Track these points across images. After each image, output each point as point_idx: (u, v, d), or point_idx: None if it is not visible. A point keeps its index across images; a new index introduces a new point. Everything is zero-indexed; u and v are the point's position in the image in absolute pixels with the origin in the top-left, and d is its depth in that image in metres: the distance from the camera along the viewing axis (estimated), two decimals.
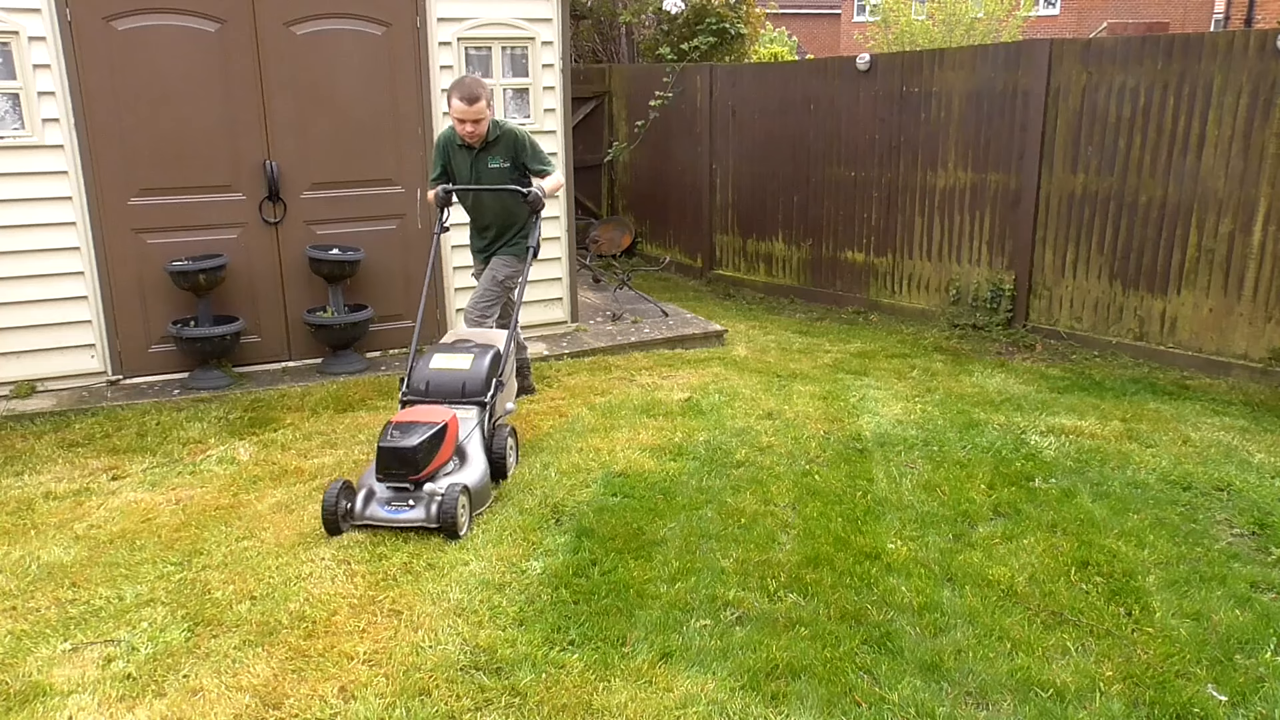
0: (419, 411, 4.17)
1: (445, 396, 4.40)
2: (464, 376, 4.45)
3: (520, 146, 4.99)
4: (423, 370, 4.50)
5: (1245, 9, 18.82)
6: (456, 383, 4.44)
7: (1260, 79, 5.99)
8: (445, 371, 4.48)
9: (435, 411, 4.15)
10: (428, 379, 4.46)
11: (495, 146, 4.97)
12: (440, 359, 4.55)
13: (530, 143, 5.02)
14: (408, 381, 4.49)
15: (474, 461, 4.20)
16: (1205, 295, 6.45)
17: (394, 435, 3.95)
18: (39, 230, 5.66)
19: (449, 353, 4.61)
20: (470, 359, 4.52)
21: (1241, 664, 3.11)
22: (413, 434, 3.94)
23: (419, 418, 4.07)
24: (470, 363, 4.50)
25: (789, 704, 2.91)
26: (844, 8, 35.20)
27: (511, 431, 4.58)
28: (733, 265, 9.94)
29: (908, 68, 7.94)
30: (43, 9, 5.40)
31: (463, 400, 4.40)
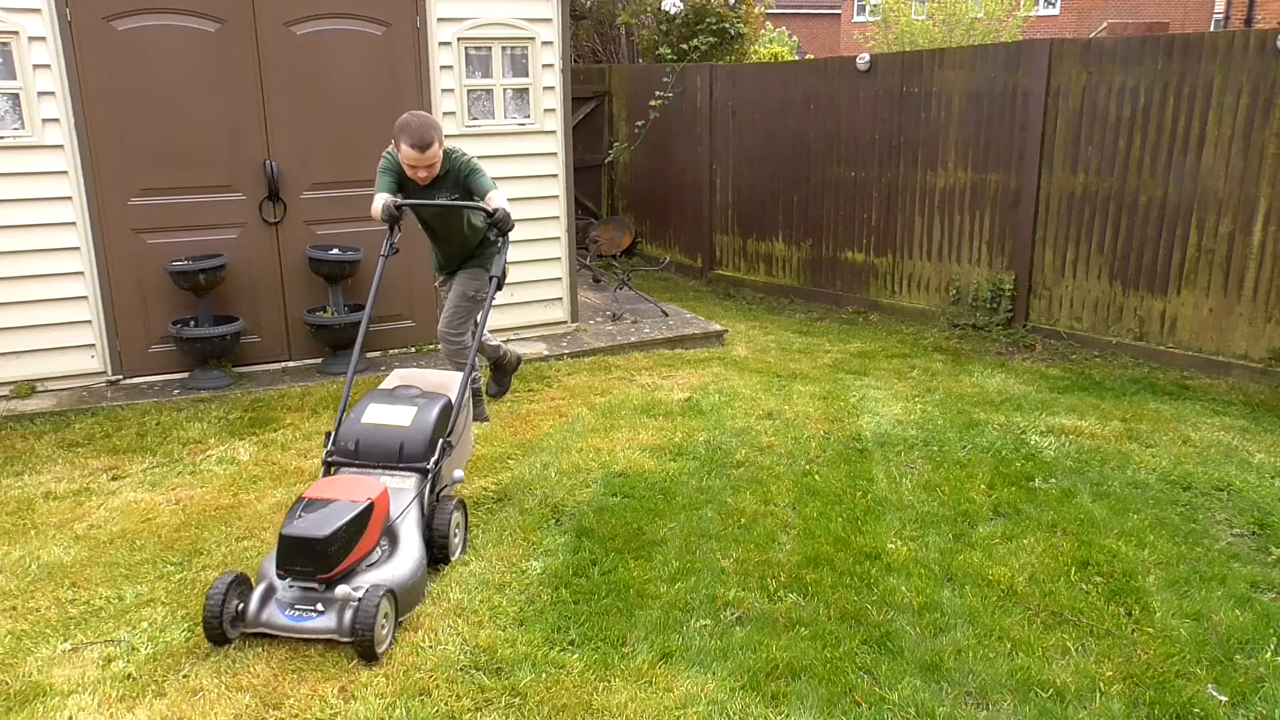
0: (339, 484, 3.39)
1: (378, 459, 3.64)
2: (403, 435, 3.66)
3: (469, 175, 4.50)
4: (353, 425, 3.72)
5: (1245, 9, 18.82)
6: (393, 443, 3.65)
7: (1260, 79, 5.99)
8: (380, 428, 3.68)
9: (359, 485, 3.37)
10: (358, 437, 3.68)
11: (444, 180, 4.50)
12: (376, 411, 3.76)
13: (476, 167, 4.53)
14: (333, 438, 3.73)
15: (406, 549, 3.42)
16: (1205, 295, 6.44)
17: (302, 518, 3.17)
18: (39, 230, 5.66)
19: (387, 402, 3.80)
20: (412, 412, 3.73)
21: (1241, 664, 3.11)
22: (326, 518, 3.15)
23: (337, 493, 3.29)
24: (412, 417, 3.72)
25: (789, 704, 2.91)
26: (844, 8, 35.20)
27: (459, 505, 3.81)
28: (733, 265, 9.94)
29: (908, 68, 7.94)
30: (43, 9, 5.40)
31: (399, 466, 3.64)
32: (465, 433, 4.08)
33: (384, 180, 4.47)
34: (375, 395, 3.89)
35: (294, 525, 3.15)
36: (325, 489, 3.34)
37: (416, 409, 3.75)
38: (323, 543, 3.09)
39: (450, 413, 3.85)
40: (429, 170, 4.36)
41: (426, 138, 4.24)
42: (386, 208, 4.21)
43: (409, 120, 4.29)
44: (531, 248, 7.05)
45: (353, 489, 3.33)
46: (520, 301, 7.10)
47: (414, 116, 4.31)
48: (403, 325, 6.73)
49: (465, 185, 4.53)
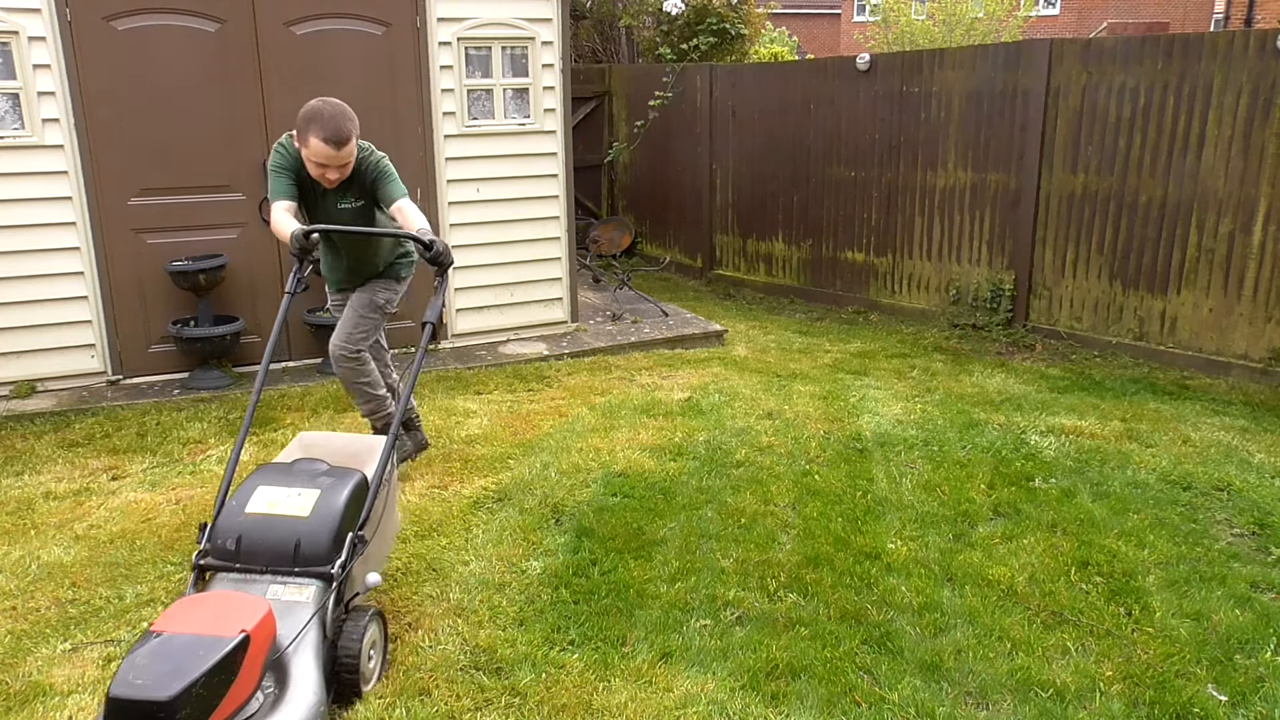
0: (203, 607, 2.49)
1: (266, 562, 2.75)
2: (300, 530, 2.76)
3: (379, 178, 3.78)
4: (233, 516, 2.80)
5: (1245, 9, 18.82)
6: (286, 540, 2.75)
7: (1260, 79, 5.99)
8: (270, 520, 2.77)
9: (231, 609, 2.47)
10: (240, 532, 2.77)
11: (350, 183, 3.77)
12: (265, 495, 2.84)
13: (386, 170, 3.80)
14: (209, 530, 2.81)
15: (300, 690, 2.52)
16: (1205, 295, 6.44)
17: (140, 666, 2.25)
18: (39, 230, 5.66)
19: (282, 483, 2.88)
20: (314, 498, 2.82)
21: (1241, 664, 3.11)
22: (174, 669, 2.24)
23: (198, 623, 2.40)
24: (313, 504, 2.81)
25: (789, 704, 2.91)
26: (844, 8, 35.19)
27: (376, 616, 2.92)
28: (733, 265, 9.94)
29: (908, 68, 7.94)
30: (43, 9, 5.40)
31: (294, 571, 2.75)
32: (388, 516, 3.17)
33: (279, 183, 3.63)
34: (265, 473, 2.93)
35: (126, 681, 2.21)
36: (182, 615, 2.43)
37: (319, 493, 2.83)
38: (167, 708, 2.16)
39: (365, 495, 2.95)
40: (340, 172, 3.60)
41: (343, 131, 3.46)
42: (296, 237, 3.26)
43: (319, 109, 3.47)
44: (531, 248, 7.05)
45: (221, 615, 2.43)
46: (520, 301, 7.10)
47: (325, 104, 3.49)
48: (402, 325, 6.73)
49: (372, 190, 3.79)
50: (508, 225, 6.92)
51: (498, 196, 6.82)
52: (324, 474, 2.94)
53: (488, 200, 6.80)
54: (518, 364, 6.54)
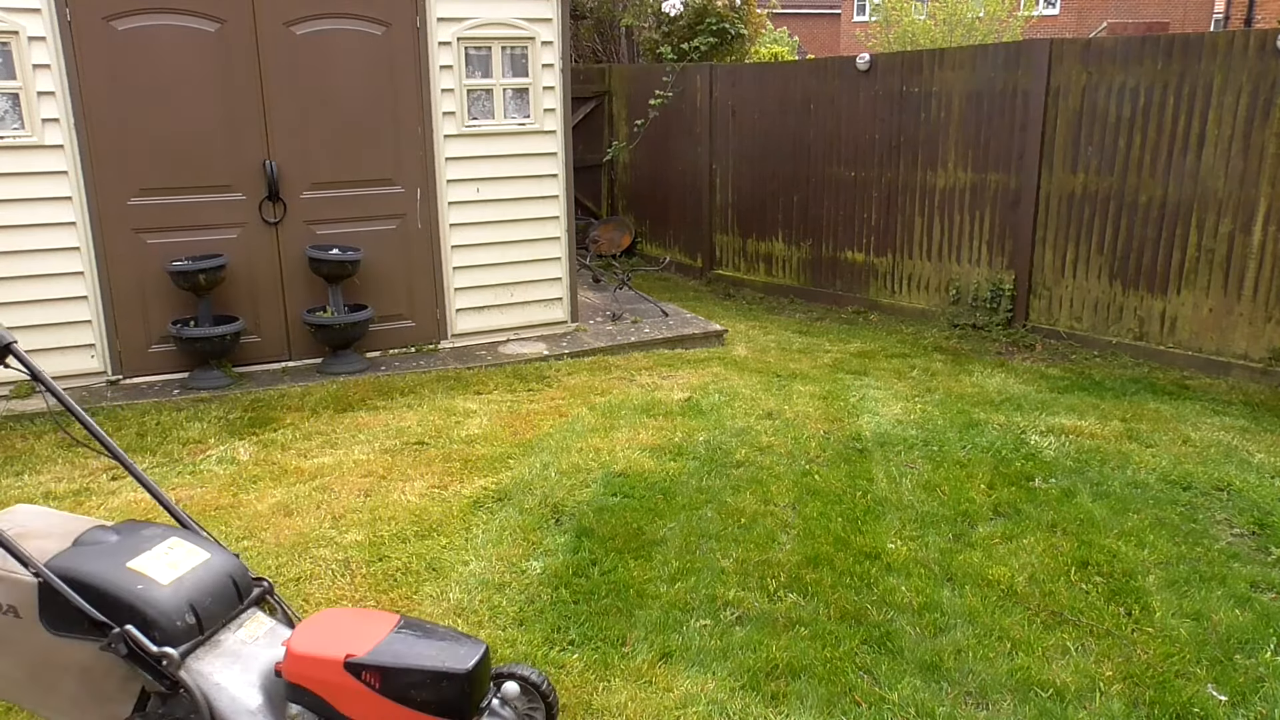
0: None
1: (225, 611, 2.33)
2: (218, 568, 2.37)
3: None
4: (153, 592, 2.22)
5: (1245, 9, 18.82)
6: (221, 584, 2.34)
7: (1260, 79, 5.99)
8: (186, 577, 2.29)
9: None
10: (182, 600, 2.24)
11: None
12: (147, 562, 2.29)
13: None
14: (143, 626, 2.16)
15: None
16: (1205, 295, 6.44)
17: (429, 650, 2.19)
18: (39, 230, 5.65)
19: (139, 548, 2.33)
20: (186, 544, 2.40)
21: (1241, 664, 3.11)
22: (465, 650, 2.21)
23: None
24: (196, 546, 2.40)
25: (789, 704, 2.91)
26: (844, 8, 35.20)
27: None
28: (733, 265, 9.94)
29: (908, 67, 7.94)
30: (43, 9, 5.40)
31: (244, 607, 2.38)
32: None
33: None
34: (108, 550, 2.32)
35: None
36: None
37: (181, 538, 2.43)
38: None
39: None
40: None
41: None
42: None
43: None
44: (531, 248, 7.05)
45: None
46: (520, 301, 7.10)
47: None
48: (402, 325, 6.73)
49: None
50: (508, 225, 6.92)
51: (498, 196, 6.82)
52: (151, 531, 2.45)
53: (488, 200, 6.80)
54: (518, 364, 6.54)
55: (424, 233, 6.63)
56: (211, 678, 2.18)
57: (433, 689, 2.13)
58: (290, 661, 2.18)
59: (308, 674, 2.15)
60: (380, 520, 4.10)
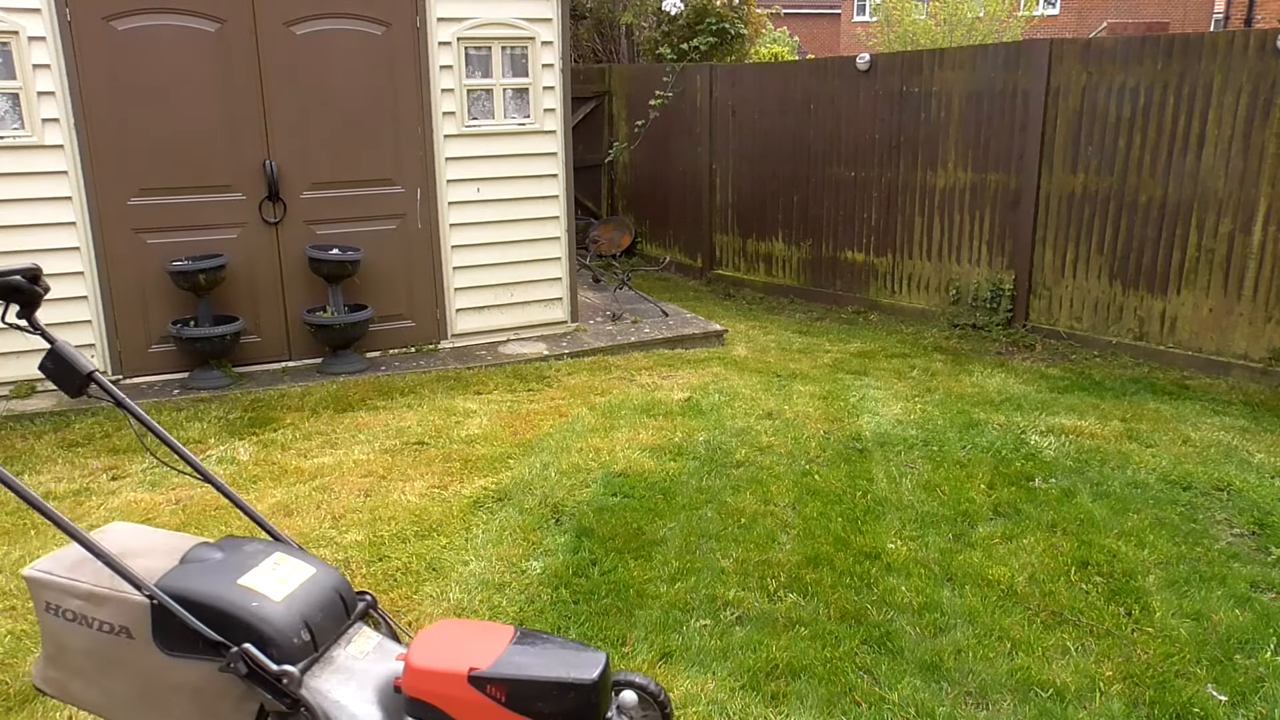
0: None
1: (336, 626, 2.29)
2: (325, 583, 2.31)
3: None
4: (270, 609, 2.16)
5: (1245, 9, 18.82)
6: (329, 599, 2.29)
7: (1260, 79, 5.99)
8: (298, 593, 2.24)
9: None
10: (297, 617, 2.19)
11: None
12: (256, 579, 2.23)
13: None
14: (260, 644, 2.10)
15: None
16: (1205, 295, 6.44)
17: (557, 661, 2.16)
18: (39, 230, 5.65)
19: (246, 565, 2.27)
20: (291, 560, 2.33)
21: (1241, 664, 3.11)
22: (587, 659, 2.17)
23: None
24: (302, 562, 2.34)
25: (789, 704, 2.91)
26: (844, 8, 35.21)
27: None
28: (733, 265, 9.94)
29: (908, 67, 7.94)
30: (43, 9, 5.40)
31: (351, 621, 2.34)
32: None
33: None
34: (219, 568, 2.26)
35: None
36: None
37: (286, 553, 2.37)
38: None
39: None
40: None
41: None
42: None
43: None
44: (531, 248, 7.05)
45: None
46: (520, 301, 7.10)
47: None
48: (402, 325, 6.73)
49: None
50: (508, 225, 6.92)
51: (498, 196, 6.82)
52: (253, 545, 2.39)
53: (488, 200, 6.80)
54: (518, 364, 6.54)
55: (424, 233, 6.63)
56: (330, 695, 2.13)
57: (558, 700, 2.09)
58: (411, 676, 2.12)
59: (430, 688, 2.11)
60: (380, 520, 4.10)
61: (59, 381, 2.43)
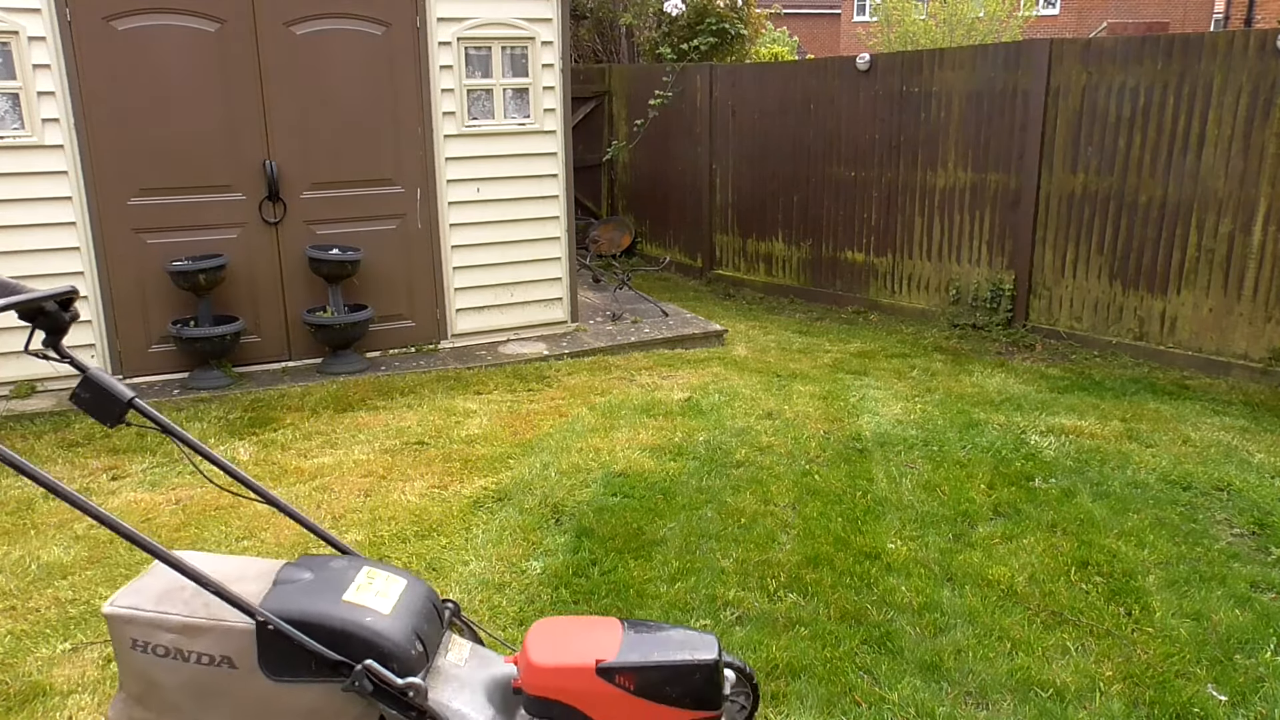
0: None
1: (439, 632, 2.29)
2: (420, 591, 2.27)
3: None
4: (381, 621, 2.12)
5: (1245, 9, 18.82)
6: (425, 604, 2.25)
7: (1260, 79, 5.99)
8: (403, 603, 2.20)
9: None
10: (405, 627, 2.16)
11: None
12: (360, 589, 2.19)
13: None
14: (380, 657, 2.06)
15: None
16: (1205, 295, 6.44)
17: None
18: (39, 230, 5.65)
19: (345, 576, 2.23)
20: (381, 567, 2.31)
21: (1241, 664, 3.11)
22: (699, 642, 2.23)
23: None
24: (395, 571, 2.31)
25: (789, 704, 2.91)
26: (844, 8, 35.21)
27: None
28: (733, 265, 9.94)
29: (908, 67, 7.94)
30: (43, 9, 5.40)
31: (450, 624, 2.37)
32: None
33: None
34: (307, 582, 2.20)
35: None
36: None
37: (372, 564, 2.34)
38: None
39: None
40: None
41: None
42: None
43: None
44: (531, 248, 7.05)
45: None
46: (520, 301, 7.10)
47: None
48: (402, 325, 6.73)
49: None
50: (508, 225, 6.92)
51: (498, 196, 6.82)
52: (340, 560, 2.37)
53: (488, 200, 6.80)
54: (518, 364, 6.54)
55: (424, 233, 6.63)
56: (451, 704, 2.11)
57: (685, 682, 2.13)
58: (535, 675, 2.13)
59: (557, 685, 2.11)
60: (380, 520, 4.10)
61: (94, 411, 2.26)
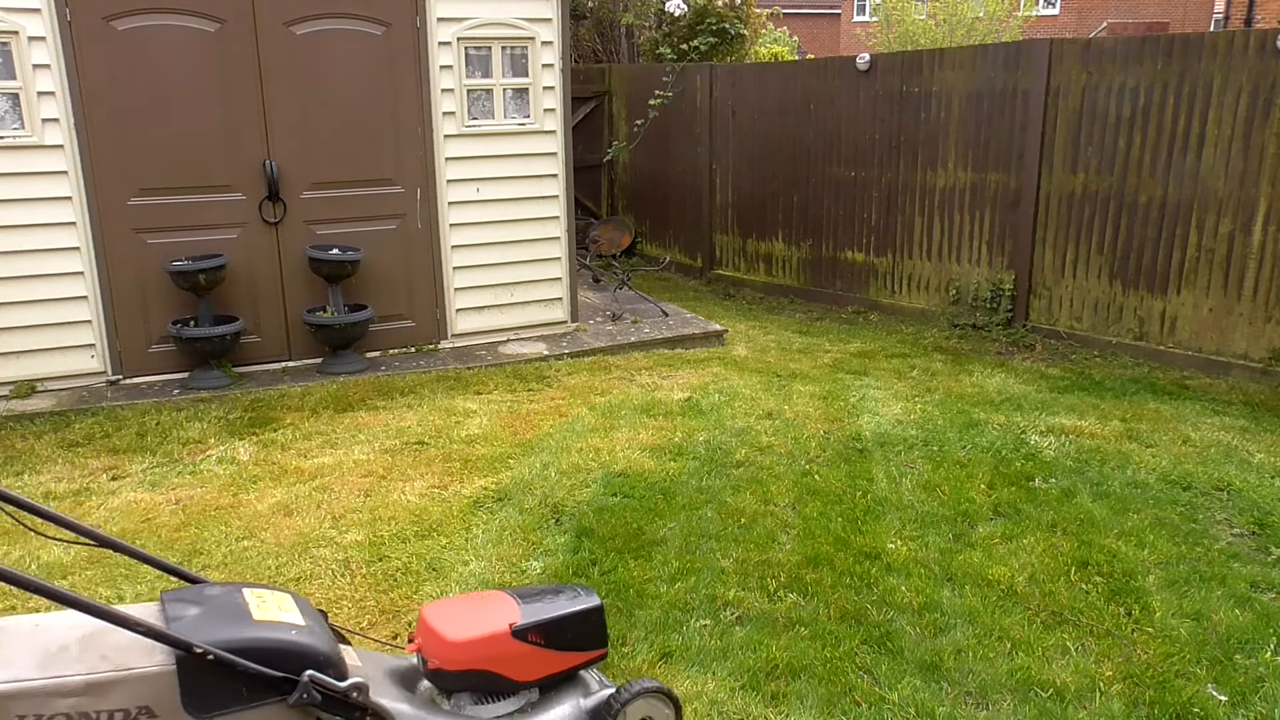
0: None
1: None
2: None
3: None
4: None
5: (1245, 9, 18.82)
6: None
7: (1260, 79, 5.99)
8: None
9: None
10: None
11: None
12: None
13: None
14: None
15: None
16: (1205, 295, 6.44)
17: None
18: (39, 230, 5.65)
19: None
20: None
21: (1241, 664, 3.11)
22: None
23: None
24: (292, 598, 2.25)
25: (789, 704, 2.91)
26: (844, 8, 35.21)
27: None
28: (733, 265, 9.94)
29: (908, 67, 7.94)
30: (43, 9, 5.40)
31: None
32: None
33: None
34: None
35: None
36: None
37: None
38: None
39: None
40: None
41: None
42: None
43: None
44: (531, 248, 7.05)
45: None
46: (520, 301, 7.10)
47: None
48: (402, 325, 6.73)
49: None
50: (508, 225, 6.92)
51: (498, 196, 6.82)
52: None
53: (488, 200, 6.80)
54: (518, 364, 6.54)
55: (424, 233, 6.63)
56: (381, 700, 2.15)
57: (581, 628, 2.38)
58: (454, 650, 2.26)
59: (479, 654, 2.27)
60: (380, 520, 4.10)
61: None
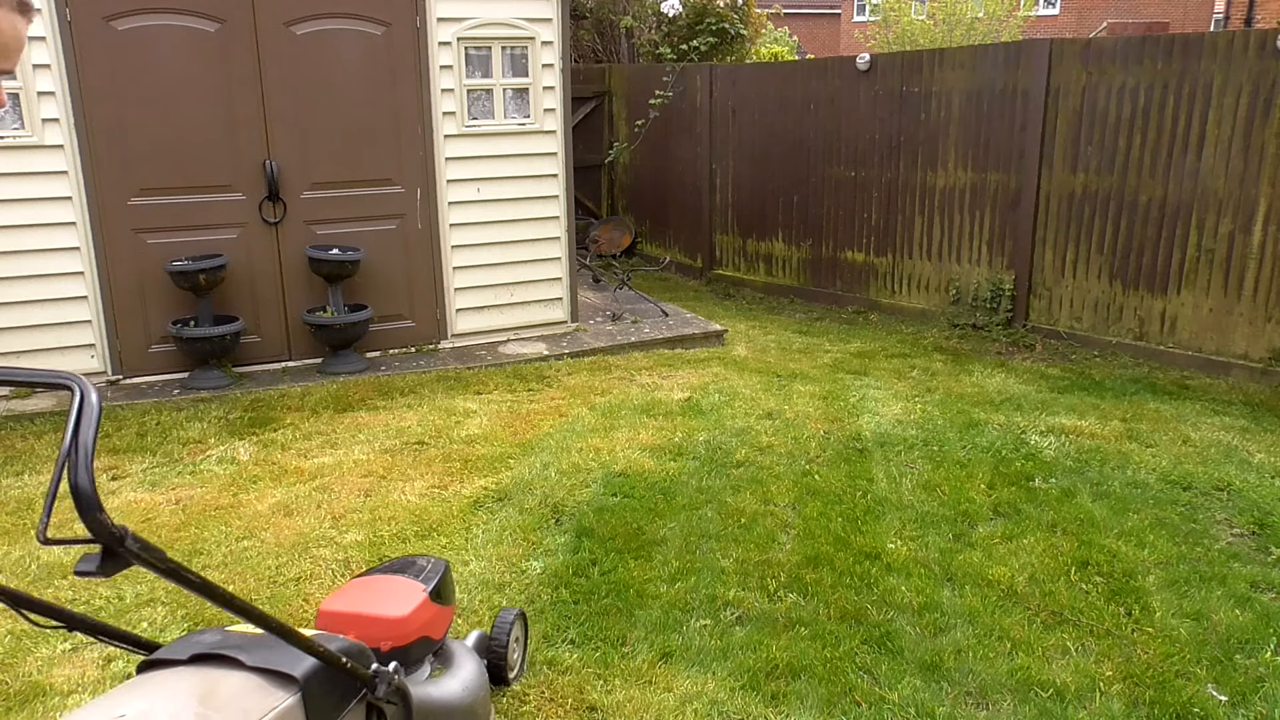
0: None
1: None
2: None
3: None
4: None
5: (1245, 9, 18.82)
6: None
7: (1260, 79, 5.99)
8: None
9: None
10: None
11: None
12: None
13: None
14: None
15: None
16: (1205, 295, 6.45)
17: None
18: (39, 230, 5.65)
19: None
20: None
21: (1241, 664, 3.11)
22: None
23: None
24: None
25: (789, 704, 2.91)
26: (844, 8, 35.21)
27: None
28: (733, 265, 9.94)
29: (908, 67, 7.94)
30: (43, 9, 5.40)
31: None
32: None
33: None
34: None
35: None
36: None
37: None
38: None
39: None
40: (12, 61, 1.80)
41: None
42: None
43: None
44: (531, 248, 7.05)
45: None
46: (520, 301, 7.10)
47: None
48: (402, 325, 6.73)
49: None
50: (508, 225, 6.92)
51: (498, 196, 6.82)
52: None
53: (488, 200, 6.80)
54: (518, 364, 6.54)
55: (424, 233, 6.63)
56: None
57: (451, 585, 2.75)
58: (400, 627, 2.47)
59: (417, 625, 2.52)
60: (380, 520, 4.10)
61: None
